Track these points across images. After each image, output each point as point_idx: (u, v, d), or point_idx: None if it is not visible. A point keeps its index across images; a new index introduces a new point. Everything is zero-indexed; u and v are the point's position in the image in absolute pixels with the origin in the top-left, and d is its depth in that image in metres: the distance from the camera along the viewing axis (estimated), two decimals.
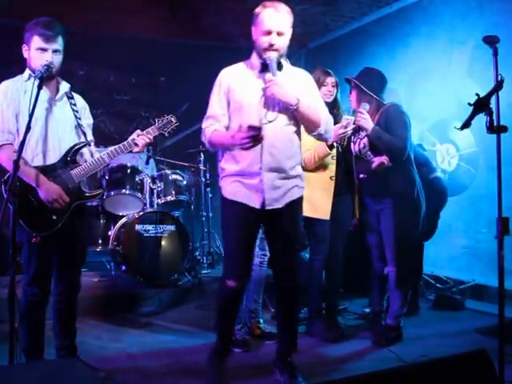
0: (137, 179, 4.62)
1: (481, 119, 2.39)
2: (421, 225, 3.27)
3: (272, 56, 2.45)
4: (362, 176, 3.33)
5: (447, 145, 4.51)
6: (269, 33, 2.45)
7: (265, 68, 2.50)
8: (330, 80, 3.37)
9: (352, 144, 3.35)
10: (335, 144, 3.23)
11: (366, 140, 3.25)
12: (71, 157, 2.57)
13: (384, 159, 3.15)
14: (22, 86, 2.51)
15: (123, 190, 4.53)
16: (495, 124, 2.26)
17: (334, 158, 3.29)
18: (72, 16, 5.08)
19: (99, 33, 5.50)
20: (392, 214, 3.18)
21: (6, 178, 2.42)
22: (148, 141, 2.65)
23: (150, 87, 6.03)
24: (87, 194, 2.64)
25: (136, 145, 2.62)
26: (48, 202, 2.44)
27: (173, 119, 2.75)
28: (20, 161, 2.16)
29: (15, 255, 2.03)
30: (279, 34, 2.45)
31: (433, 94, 4.67)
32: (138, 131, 2.68)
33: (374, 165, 3.18)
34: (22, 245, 2.47)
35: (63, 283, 2.65)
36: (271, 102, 2.49)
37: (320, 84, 3.30)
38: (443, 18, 4.57)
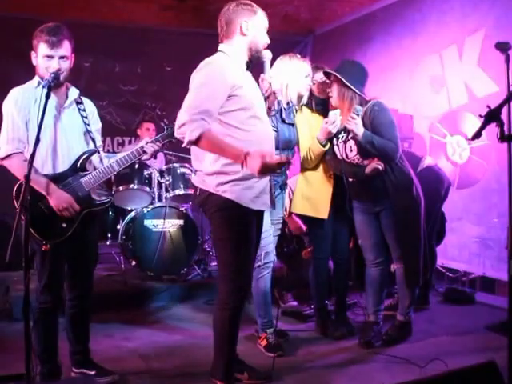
0: (145, 173, 4.60)
1: None
2: (422, 218, 3.17)
3: (269, 55, 2.49)
4: (351, 180, 3.16)
5: (458, 137, 4.45)
6: (265, 30, 2.46)
7: (249, 65, 2.47)
8: (319, 76, 3.25)
9: (336, 148, 3.16)
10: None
11: (352, 143, 3.07)
12: (81, 165, 2.56)
13: (377, 164, 3.01)
14: (32, 93, 2.47)
15: (131, 185, 4.52)
16: (506, 133, 2.20)
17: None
18: (75, 7, 5.03)
19: (103, 23, 5.44)
20: (393, 213, 3.08)
21: (16, 189, 2.42)
22: (157, 148, 2.65)
23: (155, 77, 5.97)
24: (97, 202, 2.63)
25: (145, 152, 2.62)
26: (58, 211, 2.44)
27: None
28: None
29: (28, 271, 2.02)
30: None
31: (443, 84, 4.60)
32: (147, 138, 2.70)
33: (367, 171, 3.03)
34: (35, 253, 2.47)
35: (76, 289, 2.67)
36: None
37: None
38: (454, 6, 4.48)
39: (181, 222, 4.48)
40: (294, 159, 3.24)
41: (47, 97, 2.29)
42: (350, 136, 3.06)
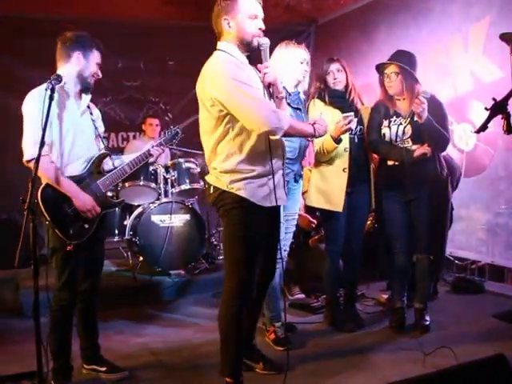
0: (150, 169, 4.60)
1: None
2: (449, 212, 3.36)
3: (266, 41, 2.36)
4: (391, 164, 3.24)
5: (464, 124, 4.41)
6: (255, 17, 2.35)
7: (249, 58, 2.41)
8: (334, 67, 3.26)
9: (387, 129, 3.23)
10: (343, 137, 3.13)
11: (408, 127, 3.16)
12: (96, 167, 2.66)
13: (426, 150, 3.11)
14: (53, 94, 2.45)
15: (137, 182, 4.52)
16: None
17: (347, 149, 3.21)
18: (75, 4, 5.00)
19: (104, 19, 5.40)
20: (429, 202, 3.18)
21: (41, 192, 2.47)
22: (162, 152, 2.84)
23: (158, 72, 5.94)
24: (114, 202, 2.77)
25: (151, 155, 2.78)
26: (82, 212, 2.53)
27: (179, 130, 2.95)
28: (56, 172, 2.41)
29: (37, 271, 2.04)
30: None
31: (448, 73, 4.56)
32: (152, 142, 2.87)
33: (416, 154, 3.12)
34: (55, 252, 2.55)
35: (85, 284, 2.72)
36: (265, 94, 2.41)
37: (324, 73, 3.25)
38: None
39: (187, 216, 4.50)
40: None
41: (51, 99, 2.31)
42: (407, 120, 3.14)
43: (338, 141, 3.08)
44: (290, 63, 3.03)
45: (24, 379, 2.54)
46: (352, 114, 3.04)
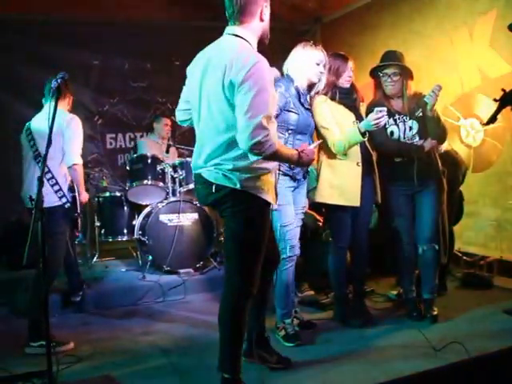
0: (158, 169, 4.64)
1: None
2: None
3: None
4: (398, 160, 3.32)
5: (471, 119, 4.39)
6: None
7: None
8: (350, 65, 3.26)
9: (395, 127, 3.32)
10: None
11: (415, 124, 3.27)
12: None
13: (434, 142, 3.25)
14: None
15: (145, 181, 4.56)
16: None
17: (358, 144, 3.20)
18: (81, 5, 5.03)
19: (110, 20, 5.44)
20: (436, 192, 3.31)
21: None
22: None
23: (165, 72, 5.94)
24: None
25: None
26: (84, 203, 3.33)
27: None
28: None
29: (46, 270, 2.06)
30: None
31: (454, 67, 4.53)
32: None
33: (427, 148, 3.25)
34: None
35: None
36: None
37: (342, 71, 3.23)
38: None
39: (195, 215, 4.52)
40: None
41: (57, 99, 2.35)
42: (417, 115, 3.25)
43: (364, 134, 3.06)
44: (305, 64, 3.03)
45: (34, 378, 2.57)
46: (385, 108, 3.00)
